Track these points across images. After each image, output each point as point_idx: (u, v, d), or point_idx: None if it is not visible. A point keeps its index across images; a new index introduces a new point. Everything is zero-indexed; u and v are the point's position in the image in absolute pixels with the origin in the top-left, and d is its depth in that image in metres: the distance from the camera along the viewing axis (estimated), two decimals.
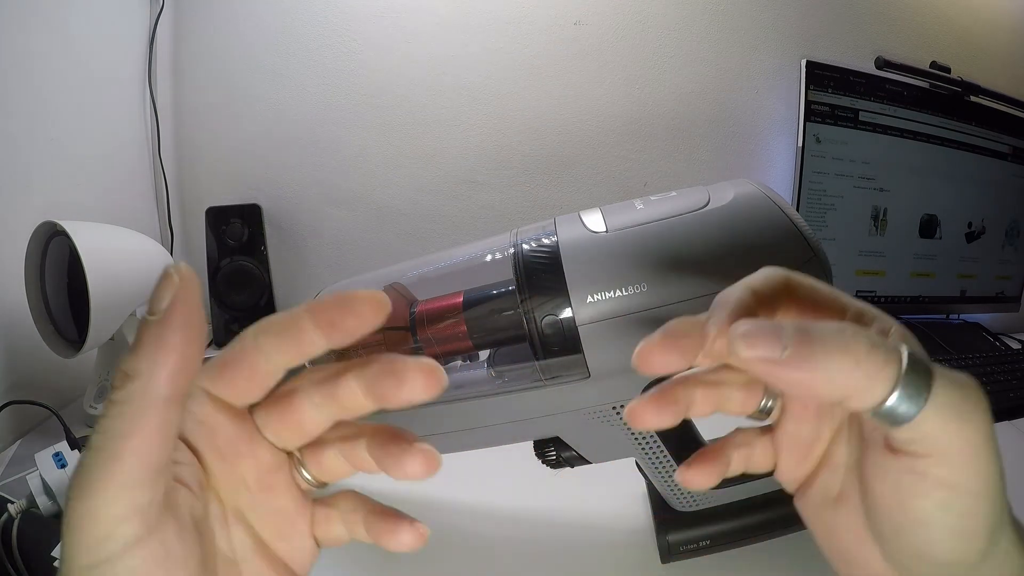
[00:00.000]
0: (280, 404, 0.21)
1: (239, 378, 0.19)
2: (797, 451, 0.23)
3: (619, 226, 0.32)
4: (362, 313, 0.18)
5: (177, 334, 0.16)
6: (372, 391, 0.20)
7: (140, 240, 0.68)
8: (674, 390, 0.22)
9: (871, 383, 0.16)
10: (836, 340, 0.16)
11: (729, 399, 0.23)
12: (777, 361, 0.16)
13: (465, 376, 0.38)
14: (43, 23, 0.69)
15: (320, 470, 0.22)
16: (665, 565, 0.38)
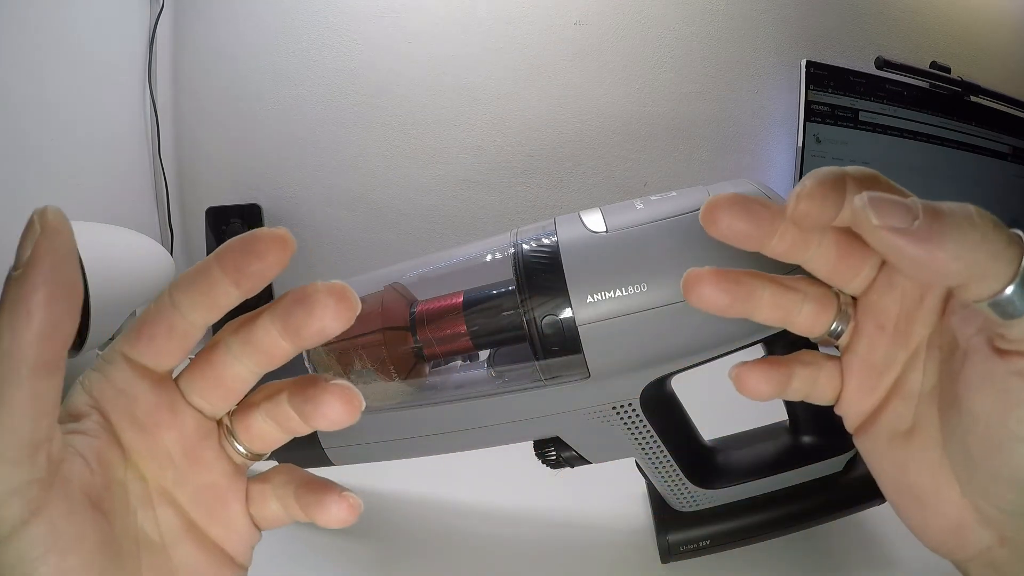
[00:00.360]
0: (201, 360, 0.20)
1: (157, 338, 0.18)
2: (868, 377, 0.21)
3: (619, 226, 0.32)
4: (264, 253, 0.17)
5: (40, 291, 0.15)
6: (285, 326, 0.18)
7: (140, 240, 0.68)
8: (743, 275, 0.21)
9: (994, 265, 0.15)
10: (964, 216, 0.15)
11: (799, 311, 0.21)
12: (906, 231, 0.15)
13: (465, 376, 0.38)
14: (43, 23, 0.69)
15: (250, 437, 0.21)
16: (665, 565, 0.38)
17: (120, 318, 0.63)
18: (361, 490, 0.24)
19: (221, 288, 0.18)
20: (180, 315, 0.18)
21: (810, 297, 0.21)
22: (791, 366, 0.22)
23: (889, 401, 0.21)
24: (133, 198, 0.88)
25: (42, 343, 0.15)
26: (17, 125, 0.66)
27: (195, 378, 0.20)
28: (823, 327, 0.21)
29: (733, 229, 0.19)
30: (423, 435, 0.38)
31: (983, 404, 0.17)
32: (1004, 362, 0.16)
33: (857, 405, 0.22)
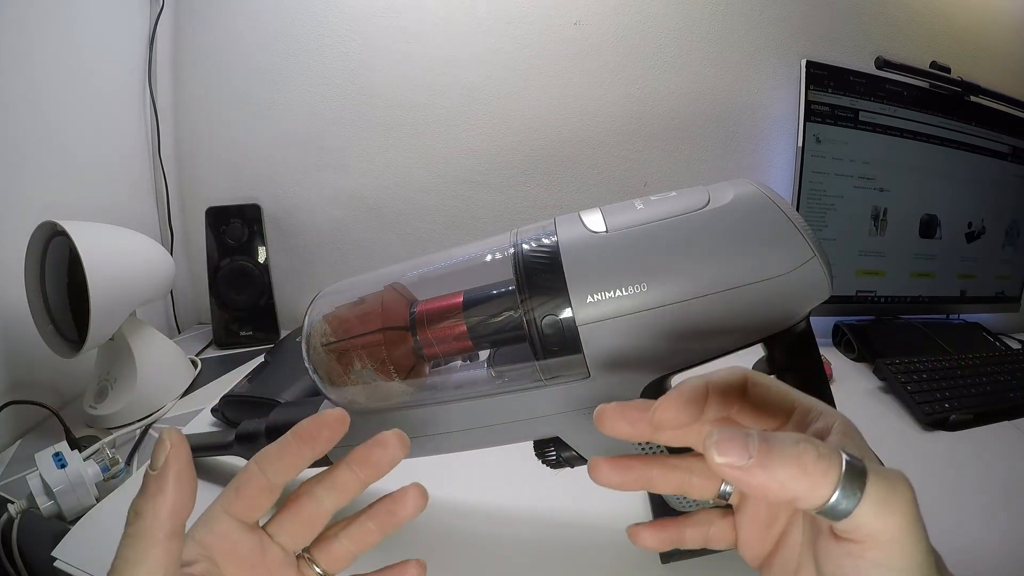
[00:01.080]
0: (289, 509, 0.27)
1: (251, 497, 0.26)
2: (758, 530, 0.26)
3: (619, 226, 0.32)
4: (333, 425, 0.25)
5: (170, 484, 0.23)
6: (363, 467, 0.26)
7: (140, 240, 0.68)
8: (634, 463, 0.26)
9: (815, 488, 0.19)
10: (791, 451, 0.19)
11: (689, 481, 0.26)
12: (742, 468, 0.19)
13: (465, 376, 0.38)
14: (43, 23, 0.69)
15: (329, 559, 0.28)
16: (665, 565, 0.38)
17: (120, 318, 0.63)
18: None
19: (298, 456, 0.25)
20: (266, 479, 0.25)
21: (695, 471, 0.26)
22: (681, 527, 0.28)
23: (778, 549, 0.26)
24: (133, 198, 0.89)
25: (174, 517, 0.23)
26: (17, 125, 0.66)
27: (285, 521, 0.27)
28: (712, 492, 0.27)
29: (616, 431, 0.24)
30: (424, 435, 0.38)
31: (831, 571, 0.21)
32: (837, 545, 0.20)
33: (751, 551, 0.27)
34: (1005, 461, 0.58)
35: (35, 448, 0.51)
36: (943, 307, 0.95)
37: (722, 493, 0.27)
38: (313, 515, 0.27)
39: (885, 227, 0.88)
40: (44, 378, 0.67)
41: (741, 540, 0.27)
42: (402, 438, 0.26)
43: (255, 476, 0.25)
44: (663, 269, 0.30)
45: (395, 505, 0.28)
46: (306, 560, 0.28)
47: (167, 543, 0.22)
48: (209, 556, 0.25)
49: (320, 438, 0.25)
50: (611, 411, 0.24)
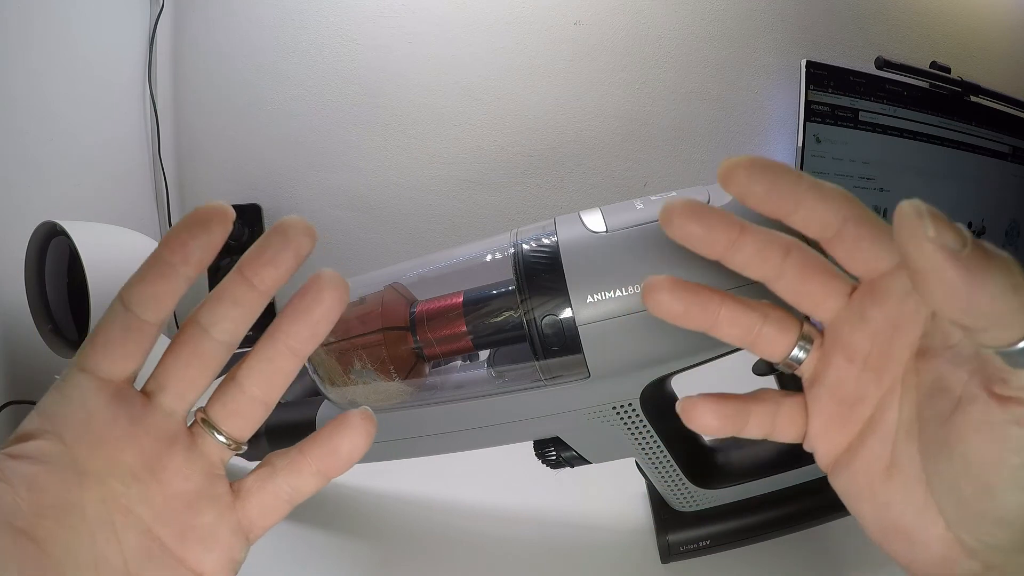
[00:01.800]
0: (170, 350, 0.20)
1: (112, 343, 0.18)
2: (837, 411, 0.21)
3: (619, 226, 0.32)
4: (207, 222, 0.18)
5: None
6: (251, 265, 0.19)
7: (140, 240, 0.68)
8: (701, 288, 0.21)
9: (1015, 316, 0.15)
10: (1005, 261, 0.15)
11: (760, 333, 0.21)
12: (957, 256, 0.15)
13: (465, 376, 0.38)
14: (43, 23, 0.69)
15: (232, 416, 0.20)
16: (665, 565, 0.38)
17: None
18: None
19: (170, 270, 0.18)
20: (133, 315, 0.18)
21: (770, 319, 0.21)
22: (746, 403, 0.22)
23: (864, 439, 0.20)
24: (133, 198, 0.88)
25: None
26: (17, 125, 0.66)
27: (164, 371, 0.20)
28: (783, 352, 0.21)
29: (686, 231, 0.20)
30: (423, 435, 0.38)
31: (978, 450, 0.17)
32: (1002, 410, 0.16)
33: (827, 441, 0.21)
34: None
35: None
36: None
37: (794, 357, 0.21)
38: (199, 349, 0.19)
39: None
40: (44, 378, 0.66)
41: (813, 428, 0.21)
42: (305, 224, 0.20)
43: (116, 313, 0.18)
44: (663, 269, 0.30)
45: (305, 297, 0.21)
46: (202, 424, 0.20)
47: None
48: (55, 430, 0.18)
49: (193, 241, 0.18)
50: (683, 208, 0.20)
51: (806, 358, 0.21)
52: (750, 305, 0.21)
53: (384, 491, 0.48)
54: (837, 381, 0.21)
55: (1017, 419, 0.16)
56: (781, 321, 0.21)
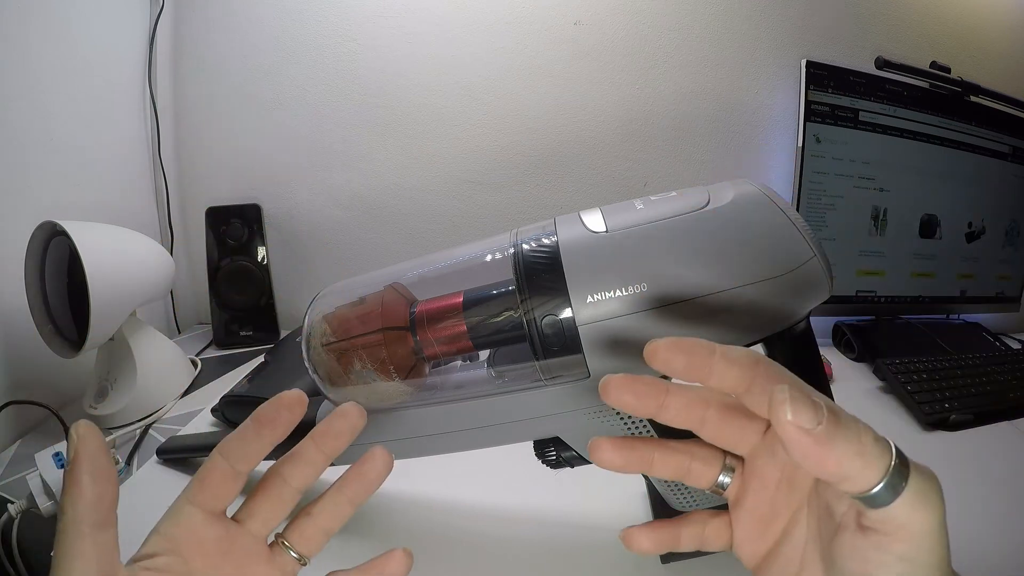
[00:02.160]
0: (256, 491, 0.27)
1: (213, 485, 0.25)
2: (757, 526, 0.25)
3: (619, 226, 0.32)
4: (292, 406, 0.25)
5: (84, 476, 0.22)
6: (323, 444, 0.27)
7: (140, 240, 0.68)
8: (636, 443, 0.26)
9: (867, 471, 0.19)
10: (853, 428, 0.19)
11: (690, 468, 0.26)
12: (809, 432, 0.18)
13: (465, 376, 0.38)
14: (43, 23, 0.69)
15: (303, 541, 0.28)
16: (665, 565, 0.38)
17: (120, 318, 0.63)
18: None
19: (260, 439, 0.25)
20: (230, 466, 0.25)
21: (697, 457, 0.26)
22: (677, 527, 0.27)
23: (779, 548, 0.25)
24: (133, 198, 0.88)
25: (94, 508, 0.22)
26: (17, 125, 0.66)
27: (252, 506, 0.27)
28: (710, 481, 0.26)
29: (621, 400, 0.23)
30: (423, 435, 0.38)
31: (851, 567, 0.21)
32: (864, 537, 0.20)
33: (749, 549, 0.26)
34: (1005, 461, 0.58)
35: (35, 448, 0.51)
36: (943, 307, 0.95)
37: (720, 483, 0.26)
38: (281, 495, 0.27)
39: (885, 227, 0.88)
40: (44, 378, 0.67)
41: (738, 538, 0.26)
42: (360, 410, 0.27)
43: (218, 464, 0.25)
44: (663, 269, 0.30)
45: (363, 467, 0.28)
46: (280, 545, 0.28)
47: (94, 535, 0.22)
48: (174, 549, 0.25)
49: (279, 420, 0.25)
50: (617, 381, 0.23)
51: (730, 484, 0.26)
52: (679, 448, 0.26)
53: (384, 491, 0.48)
54: (755, 502, 0.25)
55: (875, 545, 0.20)
56: (706, 457, 0.26)
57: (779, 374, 0.23)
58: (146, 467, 0.54)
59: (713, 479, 0.26)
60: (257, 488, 0.27)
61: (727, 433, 0.25)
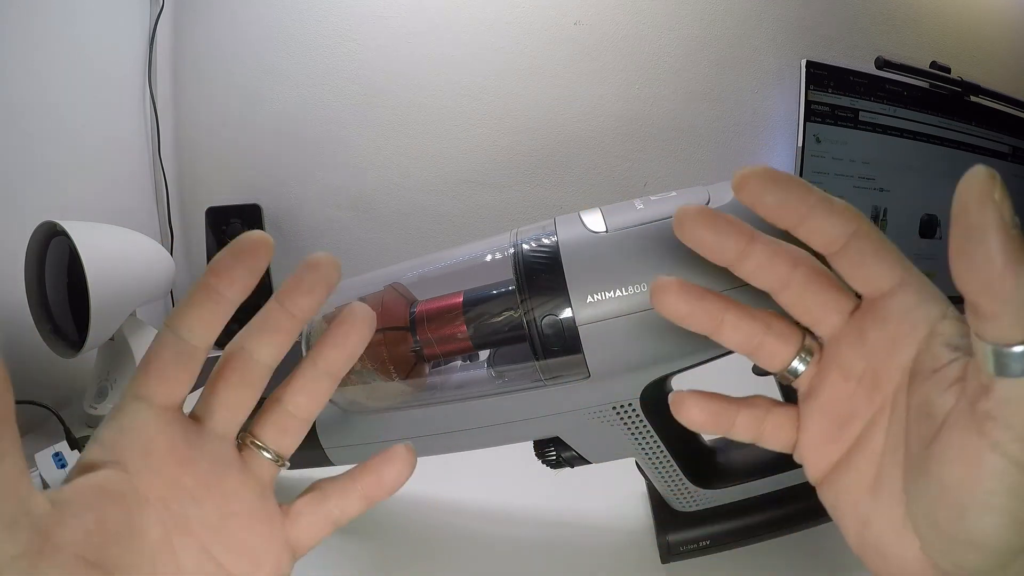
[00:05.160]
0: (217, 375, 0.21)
1: (163, 369, 0.19)
2: (829, 426, 0.21)
3: (619, 226, 0.32)
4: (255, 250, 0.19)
5: None
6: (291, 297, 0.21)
7: (140, 240, 0.68)
8: (708, 293, 0.21)
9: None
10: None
11: (762, 342, 0.22)
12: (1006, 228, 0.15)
13: (465, 376, 0.38)
14: (43, 23, 0.69)
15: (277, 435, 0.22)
16: (665, 565, 0.38)
17: (120, 318, 0.63)
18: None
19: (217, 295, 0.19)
20: (182, 340, 0.19)
21: (773, 329, 0.22)
22: (735, 406, 0.23)
23: (851, 456, 0.21)
24: (133, 198, 0.88)
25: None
26: (18, 125, 0.66)
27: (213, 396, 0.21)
28: (782, 363, 0.22)
29: (697, 236, 0.20)
30: (423, 435, 0.37)
31: (954, 474, 0.17)
32: (979, 435, 0.16)
33: (817, 455, 0.22)
34: None
35: (35, 448, 0.51)
36: None
37: (792, 369, 0.22)
38: (246, 376, 0.21)
39: (885, 227, 0.88)
40: (44, 378, 0.67)
41: (804, 439, 0.22)
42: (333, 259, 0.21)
43: (167, 341, 0.19)
44: (663, 269, 0.30)
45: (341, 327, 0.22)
46: (250, 446, 0.22)
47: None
48: (115, 459, 0.19)
49: (239, 267, 0.19)
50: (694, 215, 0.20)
51: (804, 371, 0.22)
52: (754, 314, 0.22)
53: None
54: (831, 397, 0.21)
55: (993, 444, 0.16)
56: (784, 332, 0.22)
57: (881, 237, 0.20)
58: None
59: (787, 360, 0.22)
60: (215, 373, 0.21)
61: (812, 303, 0.21)
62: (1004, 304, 0.15)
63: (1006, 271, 0.15)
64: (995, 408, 0.16)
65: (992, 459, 0.16)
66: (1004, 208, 0.15)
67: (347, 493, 0.23)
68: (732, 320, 0.21)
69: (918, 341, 0.19)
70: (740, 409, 0.23)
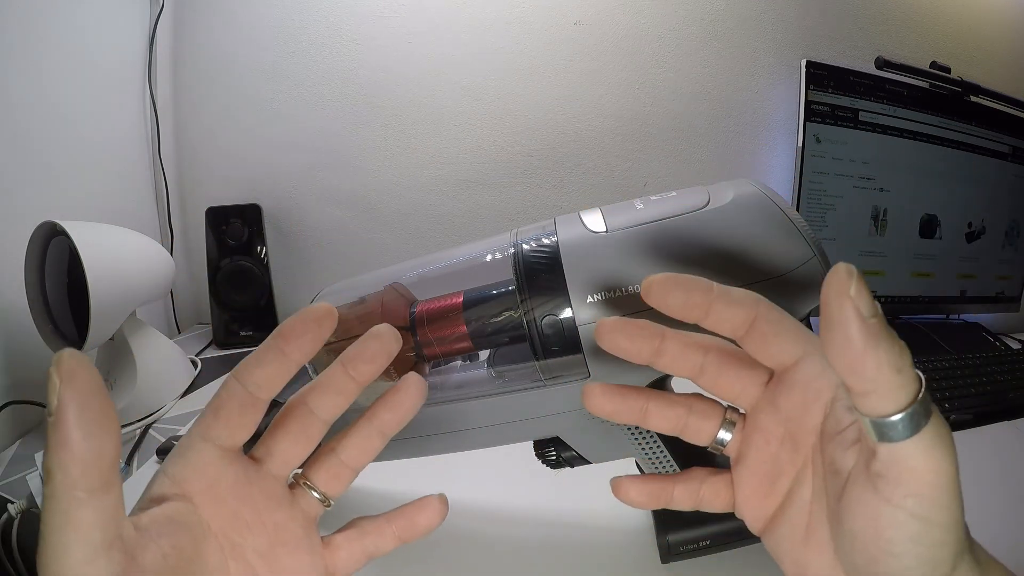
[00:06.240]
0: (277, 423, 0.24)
1: (232, 417, 0.22)
2: (760, 485, 0.24)
3: (619, 226, 0.32)
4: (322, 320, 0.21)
5: (73, 430, 0.17)
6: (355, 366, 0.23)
7: (140, 240, 0.68)
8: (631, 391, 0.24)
9: (898, 391, 0.17)
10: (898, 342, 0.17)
11: (686, 423, 0.24)
12: (861, 318, 0.17)
13: (465, 376, 0.38)
14: (43, 23, 0.69)
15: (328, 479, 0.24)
16: (665, 565, 0.38)
17: (120, 318, 0.63)
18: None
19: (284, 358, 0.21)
20: (248, 393, 0.21)
21: (695, 410, 0.24)
22: (671, 482, 0.26)
23: (785, 508, 0.23)
24: (133, 198, 0.89)
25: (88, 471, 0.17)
26: (18, 125, 0.66)
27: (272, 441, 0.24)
28: (709, 437, 0.25)
29: (615, 344, 0.23)
30: (424, 435, 0.37)
31: (860, 525, 0.19)
32: (876, 492, 0.18)
33: (753, 510, 0.24)
34: (1005, 461, 0.58)
35: (35, 448, 0.51)
36: (943, 307, 0.95)
37: (719, 440, 0.24)
38: (305, 429, 0.23)
39: (885, 227, 0.88)
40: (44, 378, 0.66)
41: (740, 498, 0.24)
42: (394, 332, 0.23)
43: (234, 392, 0.21)
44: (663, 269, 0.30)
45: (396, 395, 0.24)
46: (302, 486, 0.24)
47: (92, 500, 0.17)
48: (183, 493, 0.21)
49: (307, 336, 0.21)
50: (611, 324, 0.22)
51: (730, 441, 0.24)
52: (675, 400, 0.24)
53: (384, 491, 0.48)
54: (758, 460, 0.24)
55: (886, 498, 0.18)
56: (704, 411, 0.25)
57: (781, 316, 0.22)
58: (146, 467, 0.54)
59: (712, 434, 0.24)
60: (278, 421, 0.24)
61: (727, 382, 0.23)
62: (870, 384, 0.17)
63: (866, 355, 0.17)
64: (883, 469, 0.18)
65: (889, 512, 0.18)
66: (860, 301, 0.17)
67: (382, 533, 0.25)
68: (655, 409, 0.24)
69: (824, 405, 0.22)
70: (676, 484, 0.25)
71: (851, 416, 0.21)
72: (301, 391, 0.24)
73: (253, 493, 0.23)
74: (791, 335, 0.22)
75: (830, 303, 0.17)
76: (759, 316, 0.21)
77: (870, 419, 0.18)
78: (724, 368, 0.23)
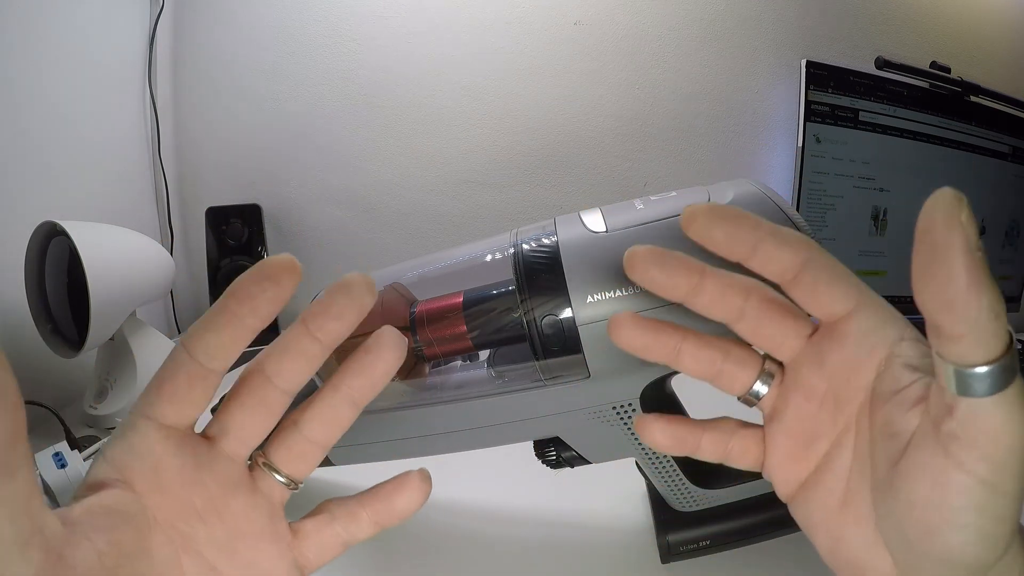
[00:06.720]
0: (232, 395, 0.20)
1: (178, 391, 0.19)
2: (794, 447, 0.22)
3: (619, 226, 0.32)
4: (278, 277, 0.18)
5: None
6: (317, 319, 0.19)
7: (140, 240, 0.68)
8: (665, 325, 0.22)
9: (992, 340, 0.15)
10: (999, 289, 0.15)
11: (721, 369, 0.22)
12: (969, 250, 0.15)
13: (465, 376, 0.38)
14: (43, 23, 0.69)
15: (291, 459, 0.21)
16: (665, 565, 0.38)
17: (120, 318, 0.63)
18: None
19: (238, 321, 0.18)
20: (198, 363, 0.18)
21: (731, 356, 0.22)
22: (699, 428, 0.23)
23: (819, 475, 0.21)
24: (133, 198, 0.88)
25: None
26: (18, 125, 0.66)
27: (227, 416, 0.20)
28: (743, 387, 0.22)
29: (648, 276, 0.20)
30: (423, 435, 0.37)
31: (922, 494, 0.18)
32: (945, 455, 0.17)
33: (785, 474, 0.22)
34: None
35: (35, 448, 0.51)
36: None
37: (754, 392, 0.22)
38: (265, 400, 0.20)
39: (885, 227, 0.88)
40: (44, 378, 0.67)
41: (771, 459, 0.22)
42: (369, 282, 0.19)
43: (182, 362, 0.18)
44: None
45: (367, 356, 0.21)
46: (261, 467, 0.21)
47: None
48: (124, 479, 0.19)
49: (264, 295, 0.18)
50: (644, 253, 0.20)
51: (766, 394, 0.22)
52: (711, 342, 0.22)
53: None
54: (795, 418, 0.22)
55: (958, 464, 0.16)
56: (742, 358, 0.22)
57: (834, 263, 0.20)
58: None
59: (748, 384, 0.22)
60: (232, 393, 0.20)
61: (768, 331, 0.21)
62: (967, 325, 0.15)
63: (969, 292, 0.15)
64: (959, 428, 0.16)
65: (958, 478, 0.17)
66: (969, 230, 0.15)
67: (355, 517, 0.22)
68: (689, 349, 0.22)
69: (877, 363, 0.20)
70: (705, 431, 0.23)
71: (912, 374, 0.19)
72: (258, 356, 0.20)
73: (205, 478, 0.20)
74: (844, 283, 0.20)
75: (935, 229, 0.15)
76: (810, 259, 0.19)
77: (955, 368, 0.16)
78: (766, 314, 0.21)
